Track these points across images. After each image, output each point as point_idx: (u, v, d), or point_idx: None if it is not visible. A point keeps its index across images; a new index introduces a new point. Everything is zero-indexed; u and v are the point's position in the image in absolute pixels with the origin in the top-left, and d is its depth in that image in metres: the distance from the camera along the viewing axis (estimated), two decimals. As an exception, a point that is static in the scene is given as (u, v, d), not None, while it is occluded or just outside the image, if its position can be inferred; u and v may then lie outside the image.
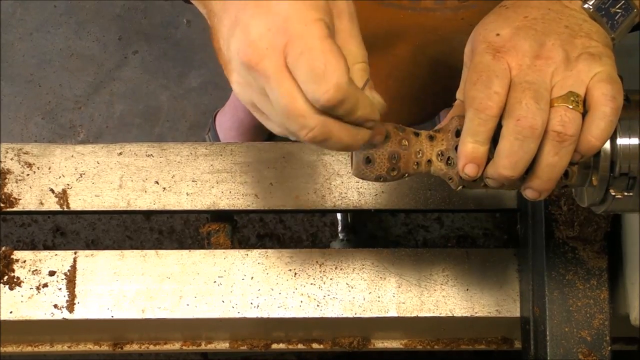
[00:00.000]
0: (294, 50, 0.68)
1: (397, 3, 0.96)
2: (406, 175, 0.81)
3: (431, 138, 0.80)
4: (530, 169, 0.76)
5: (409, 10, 0.97)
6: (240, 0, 0.71)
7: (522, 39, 0.76)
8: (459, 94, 0.81)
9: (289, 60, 0.68)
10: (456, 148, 0.78)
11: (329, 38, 0.69)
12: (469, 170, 0.76)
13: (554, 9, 0.78)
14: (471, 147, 0.75)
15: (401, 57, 1.05)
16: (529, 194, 0.78)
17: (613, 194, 0.78)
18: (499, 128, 0.75)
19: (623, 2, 0.79)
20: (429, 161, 0.80)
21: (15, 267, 1.04)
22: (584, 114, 0.75)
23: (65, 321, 1.03)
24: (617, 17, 0.79)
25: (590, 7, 0.78)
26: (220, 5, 0.74)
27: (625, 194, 0.78)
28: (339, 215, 1.53)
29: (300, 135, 0.71)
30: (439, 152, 0.80)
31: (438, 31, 1.00)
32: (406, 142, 0.80)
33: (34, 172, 1.08)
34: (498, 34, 0.77)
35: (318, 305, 1.03)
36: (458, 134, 0.78)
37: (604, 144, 0.76)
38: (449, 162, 0.79)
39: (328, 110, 0.70)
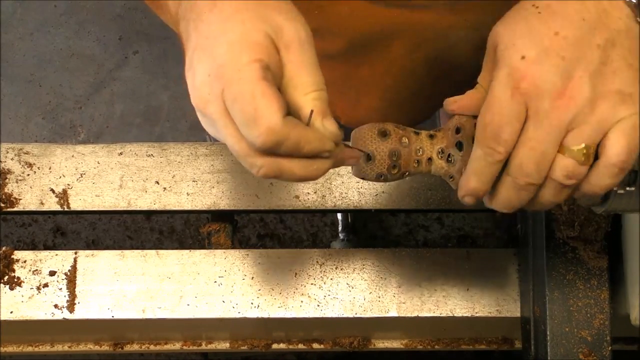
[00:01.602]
0: (228, 97, 0.70)
1: (391, 2, 0.96)
2: (407, 174, 0.81)
3: (431, 137, 0.81)
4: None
5: (403, 8, 0.98)
6: (194, 42, 0.73)
7: (546, 72, 0.70)
8: (480, 80, 0.78)
9: (227, 106, 0.70)
10: (456, 145, 0.78)
11: (262, 80, 0.69)
12: (468, 200, 0.77)
13: (589, 18, 0.72)
14: (473, 185, 0.75)
15: (397, 56, 1.05)
16: (528, 209, 0.79)
17: (615, 189, 0.77)
18: None
19: None
20: (430, 159, 0.80)
21: (15, 267, 1.04)
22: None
23: (65, 321, 1.03)
24: None
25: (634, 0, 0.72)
26: (185, 40, 0.75)
27: (628, 189, 0.77)
28: (339, 215, 1.53)
29: (252, 172, 0.72)
30: (440, 150, 0.80)
31: (433, 28, 1.00)
32: (406, 140, 0.80)
33: (35, 172, 1.08)
34: (523, 57, 0.71)
35: (318, 305, 1.03)
36: (458, 131, 0.78)
37: (605, 192, 0.75)
38: (450, 159, 0.79)
39: (268, 151, 0.71)
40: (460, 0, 0.97)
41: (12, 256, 1.05)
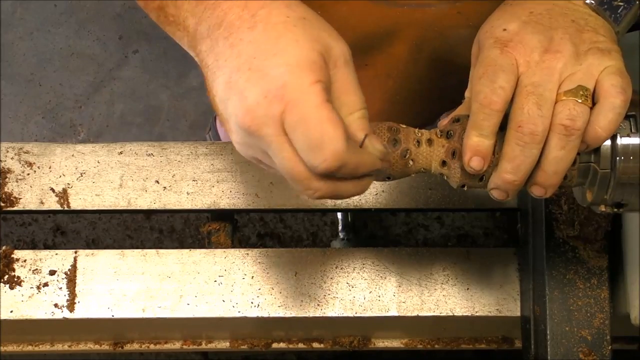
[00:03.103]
0: (290, 119, 0.69)
1: (392, 1, 0.96)
2: (407, 155, 0.79)
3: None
4: (535, 167, 0.76)
5: (405, 6, 0.98)
6: (234, 61, 0.71)
7: (530, 34, 0.76)
8: (467, 93, 0.81)
9: (286, 128, 0.69)
10: (454, 120, 0.79)
11: (325, 104, 0.69)
12: (474, 163, 0.77)
13: (559, 4, 0.79)
14: (476, 140, 0.76)
15: (399, 56, 1.05)
16: (535, 190, 0.78)
17: (619, 138, 0.77)
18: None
19: None
20: (430, 140, 0.80)
21: (15, 266, 1.04)
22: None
23: (65, 320, 1.03)
24: (620, 10, 0.79)
25: (593, 1, 0.79)
26: (212, 60, 0.73)
27: (631, 134, 0.77)
28: (339, 215, 1.53)
29: (307, 196, 0.72)
30: (438, 130, 0.81)
31: (435, 27, 1.00)
32: (404, 125, 0.80)
33: (35, 171, 1.08)
34: (505, 29, 0.77)
35: (318, 305, 1.03)
36: (456, 120, 0.79)
37: (610, 135, 0.76)
38: (449, 134, 0.80)
39: (328, 175, 0.71)
40: None
41: (12, 255, 1.05)
